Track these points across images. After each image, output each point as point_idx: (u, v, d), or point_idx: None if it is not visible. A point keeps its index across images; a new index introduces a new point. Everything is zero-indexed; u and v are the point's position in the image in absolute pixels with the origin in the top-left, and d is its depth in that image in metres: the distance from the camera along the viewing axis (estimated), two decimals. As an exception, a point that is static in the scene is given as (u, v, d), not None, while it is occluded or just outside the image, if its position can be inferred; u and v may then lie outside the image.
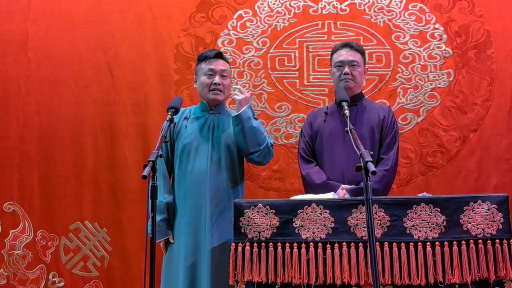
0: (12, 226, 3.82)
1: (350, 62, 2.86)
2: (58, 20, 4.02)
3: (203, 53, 2.93)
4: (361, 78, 2.93)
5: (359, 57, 2.88)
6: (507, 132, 3.65)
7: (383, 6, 3.87)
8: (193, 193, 2.77)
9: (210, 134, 2.83)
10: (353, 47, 2.90)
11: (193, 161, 2.79)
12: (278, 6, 3.95)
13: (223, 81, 2.86)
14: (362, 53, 2.92)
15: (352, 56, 2.87)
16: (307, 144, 2.93)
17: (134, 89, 3.92)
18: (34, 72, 3.97)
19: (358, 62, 2.87)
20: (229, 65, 2.96)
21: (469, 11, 3.81)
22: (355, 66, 2.86)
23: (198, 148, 2.80)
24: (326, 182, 2.74)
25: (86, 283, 3.75)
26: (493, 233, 2.18)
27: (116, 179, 3.81)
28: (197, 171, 2.77)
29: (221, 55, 2.91)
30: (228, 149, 2.82)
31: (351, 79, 2.84)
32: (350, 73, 2.84)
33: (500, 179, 3.60)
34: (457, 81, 3.74)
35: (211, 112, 2.90)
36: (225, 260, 2.54)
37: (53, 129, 3.90)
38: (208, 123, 2.87)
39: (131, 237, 3.72)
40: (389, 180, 2.73)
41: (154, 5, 4.01)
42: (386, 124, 2.82)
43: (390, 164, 2.72)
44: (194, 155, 2.79)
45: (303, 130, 3.00)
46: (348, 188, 2.65)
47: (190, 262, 2.70)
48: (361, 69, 2.90)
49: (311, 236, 2.27)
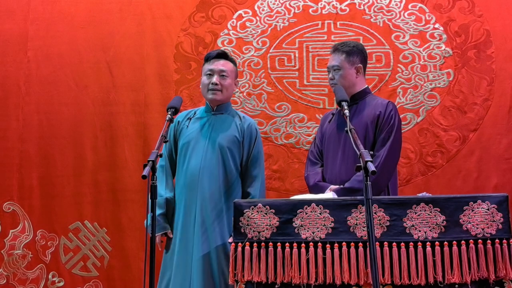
0: (12, 226, 3.82)
1: (332, 68, 2.84)
2: (58, 20, 4.02)
3: (208, 54, 2.94)
4: (346, 80, 2.81)
5: (341, 60, 2.81)
6: (507, 132, 3.65)
7: (383, 6, 3.87)
8: (186, 191, 2.78)
9: (208, 134, 2.83)
10: (338, 50, 2.85)
11: (188, 160, 2.80)
12: (278, 6, 3.95)
13: (222, 81, 2.84)
14: (348, 54, 2.82)
15: (333, 61, 2.84)
16: (317, 146, 2.94)
17: (134, 89, 3.92)
18: (34, 72, 3.97)
19: (339, 65, 2.80)
20: (233, 65, 2.92)
21: (469, 11, 3.81)
22: (336, 71, 2.82)
23: (195, 147, 2.81)
24: (317, 183, 2.75)
25: (85, 283, 3.75)
26: (493, 233, 2.17)
27: (116, 179, 3.81)
28: (191, 170, 2.78)
29: (223, 55, 2.90)
30: (221, 150, 2.79)
31: (333, 84, 2.82)
32: (333, 78, 2.83)
33: (500, 179, 3.60)
34: (457, 81, 3.74)
35: (214, 112, 2.90)
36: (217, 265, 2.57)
37: (53, 129, 3.90)
38: (208, 123, 2.87)
39: (130, 237, 3.72)
40: (378, 178, 2.54)
41: (154, 5, 4.01)
42: (382, 120, 2.73)
43: (379, 161, 2.60)
44: (190, 154, 2.80)
45: (316, 133, 3.04)
46: (334, 188, 2.64)
47: (181, 269, 2.70)
48: (344, 71, 2.80)
49: (310, 236, 2.27)
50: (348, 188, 2.59)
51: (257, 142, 2.87)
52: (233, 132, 2.84)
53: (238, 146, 2.83)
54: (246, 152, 2.84)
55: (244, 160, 2.84)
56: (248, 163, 2.84)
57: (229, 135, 2.83)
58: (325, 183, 2.74)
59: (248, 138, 2.85)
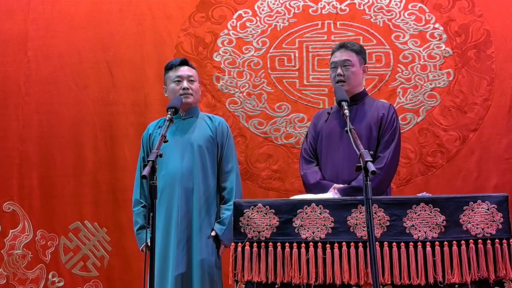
0: (11, 225, 3.82)
1: (342, 63, 2.82)
2: (58, 20, 4.02)
3: (169, 63, 3.02)
4: (357, 78, 2.83)
5: (353, 57, 2.82)
6: (507, 132, 3.65)
7: (383, 6, 3.87)
8: (166, 195, 2.81)
9: (182, 138, 2.88)
10: (347, 47, 2.85)
11: (166, 164, 2.83)
12: (278, 6, 3.95)
13: (191, 85, 2.94)
14: (358, 53, 2.85)
15: (345, 56, 2.82)
16: (310, 145, 2.92)
17: (134, 89, 3.92)
18: (33, 72, 3.97)
19: (352, 61, 2.81)
20: (195, 70, 3.03)
21: (469, 10, 3.81)
22: (348, 66, 2.80)
23: (171, 151, 2.84)
24: (319, 181, 2.74)
25: (85, 283, 3.75)
26: (493, 233, 2.17)
27: (116, 179, 3.82)
28: (169, 174, 2.82)
29: (186, 62, 3.00)
30: (199, 150, 2.85)
31: (342, 80, 2.80)
32: (342, 73, 2.81)
33: (500, 179, 3.60)
34: (457, 80, 3.74)
35: (183, 117, 2.95)
36: None
37: (52, 129, 3.90)
38: (180, 128, 2.92)
39: (130, 237, 3.70)
40: (383, 179, 2.65)
41: (154, 5, 4.01)
42: (385, 122, 2.76)
43: (384, 162, 2.65)
44: (166, 159, 2.80)
45: (308, 131, 3.01)
46: (339, 187, 2.64)
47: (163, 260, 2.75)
48: (356, 69, 2.82)
49: (310, 236, 2.27)
50: (356, 187, 2.59)
51: (229, 138, 2.97)
52: (207, 132, 2.92)
53: (214, 144, 2.91)
54: (220, 149, 2.93)
55: (219, 157, 2.93)
56: (222, 159, 2.93)
57: (204, 135, 2.90)
58: (327, 181, 2.73)
59: (220, 136, 2.94)
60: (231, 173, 2.90)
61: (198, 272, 2.71)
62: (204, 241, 2.76)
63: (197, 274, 2.71)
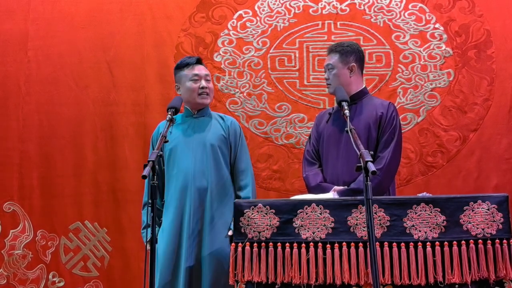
0: (12, 226, 3.82)
1: (326, 67, 2.85)
2: (58, 20, 4.02)
3: (184, 60, 2.97)
4: (340, 79, 2.79)
5: (334, 59, 2.81)
6: (507, 132, 3.65)
7: (383, 6, 3.87)
8: (178, 194, 2.79)
9: (194, 136, 2.86)
10: (332, 50, 2.85)
11: (178, 163, 2.82)
12: (278, 6, 3.95)
13: (208, 84, 2.92)
14: (342, 53, 2.81)
15: (327, 60, 2.85)
16: (313, 146, 2.92)
17: (134, 89, 3.92)
18: (34, 72, 3.97)
19: (332, 64, 2.80)
20: None
21: (469, 11, 3.81)
22: (330, 70, 2.82)
23: (183, 150, 2.83)
24: (319, 184, 2.73)
25: (86, 283, 3.75)
26: (493, 233, 2.17)
27: (116, 179, 3.82)
28: (183, 173, 2.80)
29: (201, 61, 2.98)
30: (212, 149, 2.83)
31: (328, 84, 2.83)
32: (327, 77, 2.83)
33: (500, 179, 3.60)
34: (457, 81, 3.74)
35: (195, 116, 2.94)
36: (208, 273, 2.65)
37: (53, 129, 3.90)
38: (191, 126, 2.90)
39: (131, 237, 3.72)
40: (382, 180, 2.61)
41: (154, 5, 4.01)
42: (384, 121, 2.72)
43: (384, 162, 2.62)
44: (179, 157, 2.81)
45: (311, 133, 3.01)
46: (338, 189, 2.64)
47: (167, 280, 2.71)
48: (337, 71, 2.79)
49: (311, 236, 2.27)
50: (355, 189, 2.58)
51: (241, 138, 2.96)
52: (219, 131, 2.90)
53: (226, 144, 2.89)
54: (233, 149, 2.91)
55: (233, 156, 2.91)
56: (236, 159, 2.91)
57: (217, 134, 2.88)
58: (328, 184, 2.72)
59: (233, 135, 2.92)
60: (246, 172, 2.89)
61: (207, 265, 2.69)
62: (215, 231, 2.72)
63: (207, 266, 2.69)
